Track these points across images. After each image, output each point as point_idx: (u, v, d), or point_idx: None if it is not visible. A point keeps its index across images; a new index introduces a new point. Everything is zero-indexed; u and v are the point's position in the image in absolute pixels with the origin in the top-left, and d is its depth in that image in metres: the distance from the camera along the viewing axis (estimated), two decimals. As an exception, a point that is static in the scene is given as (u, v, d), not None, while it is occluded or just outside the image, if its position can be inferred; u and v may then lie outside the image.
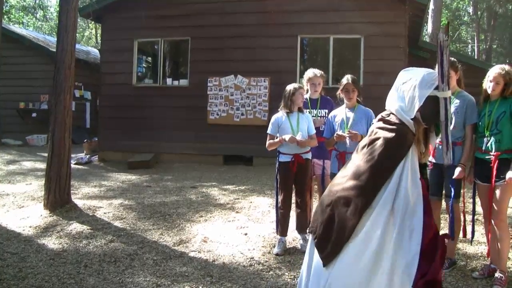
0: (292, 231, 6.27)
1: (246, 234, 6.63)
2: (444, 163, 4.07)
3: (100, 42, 17.32)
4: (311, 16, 12.71)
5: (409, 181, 3.47)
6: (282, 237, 6.03)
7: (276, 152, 6.15)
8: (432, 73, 3.63)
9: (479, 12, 37.26)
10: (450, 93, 3.62)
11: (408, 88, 3.60)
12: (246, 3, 13.18)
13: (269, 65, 12.84)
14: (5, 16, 26.53)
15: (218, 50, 13.34)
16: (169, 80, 14.06)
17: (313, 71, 6.60)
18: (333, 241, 3.53)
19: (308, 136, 6.00)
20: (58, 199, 7.65)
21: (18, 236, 6.55)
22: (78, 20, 11.89)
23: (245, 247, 6.14)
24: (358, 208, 3.46)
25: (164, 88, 14.01)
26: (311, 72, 6.62)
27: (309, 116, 6.20)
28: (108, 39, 14.62)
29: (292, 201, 6.20)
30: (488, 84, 5.07)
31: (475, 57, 32.76)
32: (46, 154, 8.50)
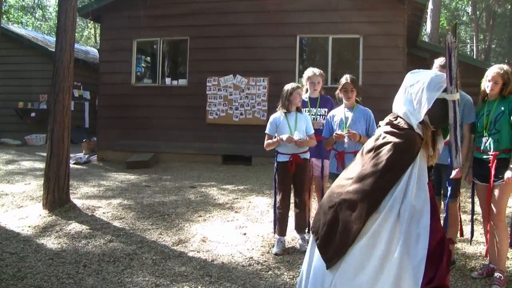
0: (291, 231, 6.27)
1: (245, 234, 6.63)
2: (453, 166, 4.07)
3: (99, 41, 17.31)
4: (310, 15, 12.71)
5: (415, 185, 3.44)
6: (281, 237, 6.03)
7: (275, 152, 6.16)
8: (440, 75, 3.60)
9: (478, 12, 37.27)
10: (458, 95, 3.59)
11: (416, 91, 3.55)
12: (245, 2, 13.18)
13: (268, 65, 12.84)
14: (4, 16, 26.47)
15: (217, 50, 13.34)
16: (168, 80, 14.03)
17: (312, 70, 6.60)
18: (336, 244, 3.49)
19: (306, 136, 5.99)
20: (57, 199, 7.65)
21: (17, 236, 6.55)
22: (77, 19, 11.86)
23: (244, 247, 6.14)
24: (364, 213, 3.42)
25: (163, 87, 14.00)
26: (310, 71, 6.62)
27: (307, 116, 6.19)
28: (107, 38, 14.61)
29: (291, 201, 6.20)
30: (486, 84, 5.07)
31: (474, 57, 32.76)
32: (45, 154, 8.50)
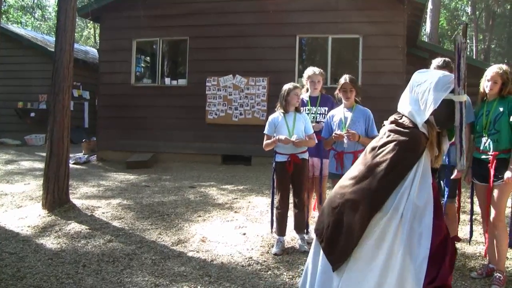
0: (291, 231, 6.27)
1: (244, 234, 6.63)
2: (457, 169, 4.07)
3: (98, 41, 17.31)
4: (309, 15, 12.71)
5: (418, 184, 3.42)
6: (280, 237, 6.02)
7: (273, 152, 6.16)
8: (448, 76, 3.58)
9: (477, 12, 37.25)
10: (466, 97, 3.57)
11: (423, 91, 3.52)
12: (245, 2, 13.18)
13: (267, 65, 12.84)
14: (3, 16, 26.46)
15: (216, 50, 13.34)
16: (167, 80, 14.03)
17: (312, 69, 6.60)
18: (341, 245, 3.47)
19: (305, 136, 5.99)
20: (57, 199, 7.65)
21: (16, 236, 6.55)
22: (77, 19, 11.86)
23: (243, 247, 6.14)
24: (367, 213, 3.41)
25: (162, 87, 14.00)
26: (310, 70, 6.63)
27: (306, 116, 6.18)
28: (107, 38, 14.61)
29: (290, 201, 6.20)
30: (486, 84, 5.07)
31: (474, 57, 32.75)
32: (44, 154, 8.49)
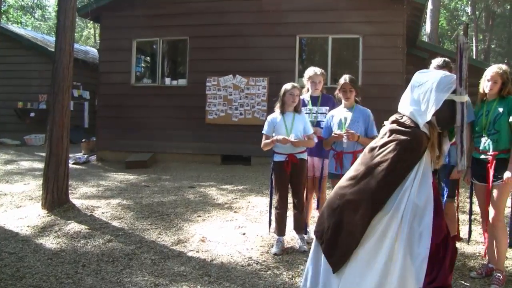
0: (290, 231, 6.26)
1: (244, 234, 6.63)
2: (457, 169, 4.06)
3: (98, 41, 17.30)
4: (309, 15, 12.71)
5: (419, 183, 3.41)
6: (280, 237, 6.02)
7: (272, 151, 6.15)
8: (450, 76, 3.57)
9: (477, 12, 37.26)
10: (467, 97, 3.57)
11: (425, 91, 3.51)
12: (245, 2, 13.17)
13: (267, 65, 12.82)
14: (3, 16, 26.48)
15: (216, 50, 13.32)
16: (167, 80, 14.03)
17: (313, 70, 6.58)
18: (342, 247, 3.45)
19: (304, 136, 5.98)
20: (56, 199, 7.64)
21: (16, 236, 6.55)
22: (77, 19, 11.86)
23: (243, 246, 6.14)
24: (368, 214, 3.39)
25: (162, 87, 13.99)
26: (311, 70, 6.61)
27: (305, 117, 6.17)
28: (107, 38, 14.61)
29: (289, 201, 6.19)
30: (485, 84, 5.07)
31: (474, 57, 32.76)
32: (44, 154, 8.49)
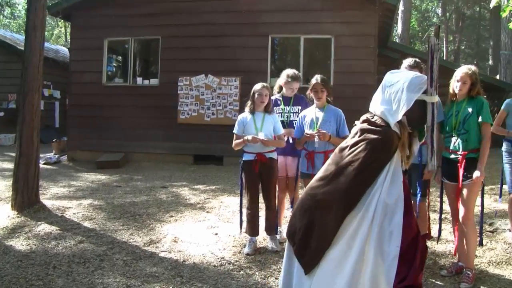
0: (263, 230, 6.27)
1: (216, 234, 6.63)
2: (427, 169, 4.11)
3: (69, 40, 17.12)
4: (281, 16, 12.77)
5: (389, 183, 3.43)
6: (252, 237, 6.03)
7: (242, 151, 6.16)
8: (421, 76, 3.61)
9: (447, 14, 37.79)
10: (437, 98, 3.61)
11: (396, 91, 3.53)
12: (217, 2, 13.18)
13: (239, 64, 12.86)
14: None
15: (188, 50, 13.31)
16: (139, 80, 13.97)
17: (293, 75, 6.47)
18: (314, 248, 3.44)
19: (275, 137, 6.00)
20: (26, 200, 7.55)
21: (-16, 238, 6.46)
22: (47, 18, 11.72)
23: (215, 247, 6.14)
24: (340, 214, 3.38)
25: (134, 87, 13.92)
26: (291, 75, 6.48)
27: (276, 117, 6.17)
28: (78, 37, 14.50)
29: (260, 200, 6.19)
30: (455, 84, 5.15)
31: (444, 57, 33.22)
32: (14, 154, 8.39)
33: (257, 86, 6.05)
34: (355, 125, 3.83)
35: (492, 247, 6.05)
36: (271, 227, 6.12)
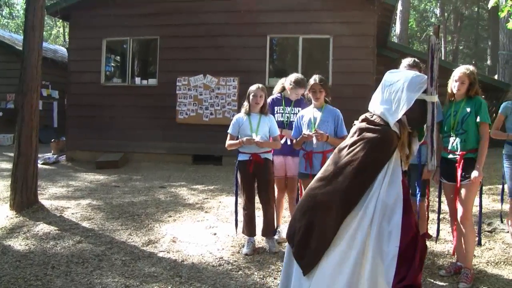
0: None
1: (215, 234, 6.63)
2: (427, 168, 4.11)
3: (68, 40, 17.11)
4: (280, 16, 12.77)
5: (388, 183, 3.43)
6: (250, 237, 6.03)
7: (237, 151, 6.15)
8: (421, 76, 3.60)
9: (446, 14, 37.79)
10: (437, 97, 3.61)
11: (396, 90, 3.52)
12: (216, 2, 13.17)
13: (238, 64, 12.86)
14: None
15: (187, 50, 13.31)
16: (137, 79, 13.96)
17: (300, 81, 6.33)
18: (313, 249, 3.43)
19: (271, 138, 6.00)
20: (25, 200, 7.54)
21: (-17, 238, 6.45)
22: (46, 18, 11.72)
23: (214, 247, 6.14)
24: (339, 215, 3.37)
25: (132, 87, 13.91)
26: (298, 81, 6.34)
27: (272, 118, 6.15)
28: (76, 37, 14.47)
29: (257, 200, 6.16)
30: (453, 84, 5.15)
31: (442, 57, 33.22)
32: (12, 154, 8.38)
33: (252, 88, 6.05)
34: (354, 124, 3.82)
35: (490, 247, 6.05)
36: (268, 231, 6.08)
